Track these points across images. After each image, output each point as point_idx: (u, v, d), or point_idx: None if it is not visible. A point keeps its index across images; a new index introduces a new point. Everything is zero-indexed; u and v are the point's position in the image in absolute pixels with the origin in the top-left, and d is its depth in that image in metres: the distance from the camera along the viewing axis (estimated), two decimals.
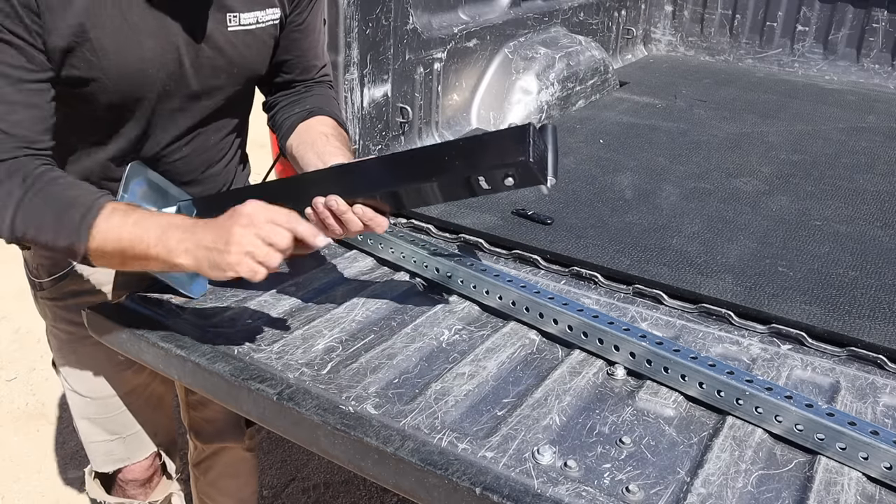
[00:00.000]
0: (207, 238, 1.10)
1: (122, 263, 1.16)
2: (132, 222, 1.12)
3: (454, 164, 1.11)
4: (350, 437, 1.08)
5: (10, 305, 3.40)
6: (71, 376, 1.56)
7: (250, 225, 1.09)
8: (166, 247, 1.11)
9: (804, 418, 1.06)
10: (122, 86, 1.22)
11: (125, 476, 1.66)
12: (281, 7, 1.37)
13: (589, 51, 2.68)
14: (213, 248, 1.09)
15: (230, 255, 1.08)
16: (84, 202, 1.13)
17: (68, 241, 1.12)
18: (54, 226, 1.12)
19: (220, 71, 1.33)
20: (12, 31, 1.07)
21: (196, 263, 1.11)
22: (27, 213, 1.12)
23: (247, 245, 1.08)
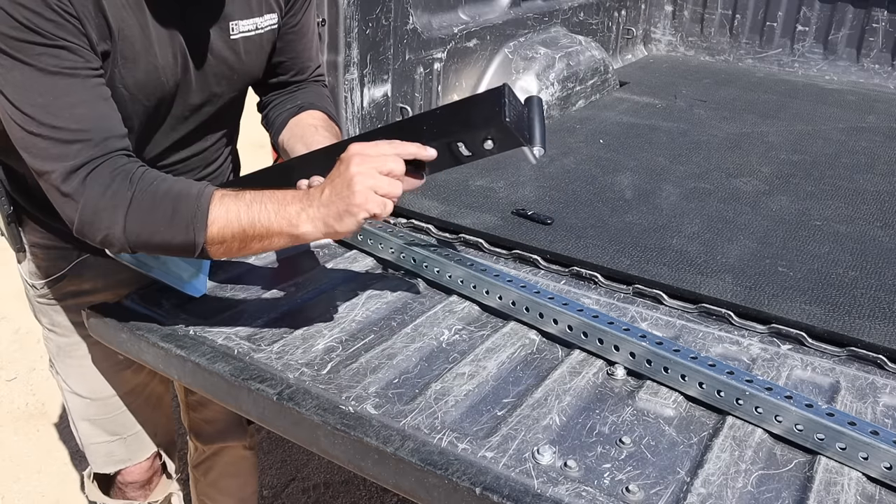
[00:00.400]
0: (325, 195, 1.09)
1: (242, 247, 1.14)
2: (247, 203, 1.11)
3: (433, 133, 1.10)
4: (350, 437, 1.08)
5: (10, 305, 3.41)
6: (70, 378, 1.56)
7: (363, 161, 1.07)
8: (287, 218, 1.10)
9: (804, 418, 1.06)
10: (137, 94, 1.23)
11: (125, 478, 1.66)
12: (278, 12, 1.38)
13: (589, 51, 2.68)
14: (336, 199, 1.07)
15: (355, 195, 1.06)
16: (192, 193, 1.11)
17: (185, 235, 1.10)
18: (169, 223, 1.10)
19: (222, 78, 1.34)
20: (63, 38, 1.06)
21: (322, 226, 1.09)
22: (139, 214, 1.10)
23: (368, 180, 1.06)
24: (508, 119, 1.04)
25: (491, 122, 1.06)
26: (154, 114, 1.29)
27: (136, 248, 1.14)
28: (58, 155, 1.08)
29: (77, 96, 1.09)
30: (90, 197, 1.09)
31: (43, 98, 1.07)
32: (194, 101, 1.33)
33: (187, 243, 1.11)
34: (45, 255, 1.44)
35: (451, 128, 1.09)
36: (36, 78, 1.06)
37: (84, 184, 1.09)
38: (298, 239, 1.12)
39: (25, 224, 1.43)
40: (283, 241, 1.12)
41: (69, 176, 1.08)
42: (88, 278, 1.47)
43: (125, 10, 1.15)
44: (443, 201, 1.76)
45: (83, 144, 1.09)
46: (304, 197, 1.11)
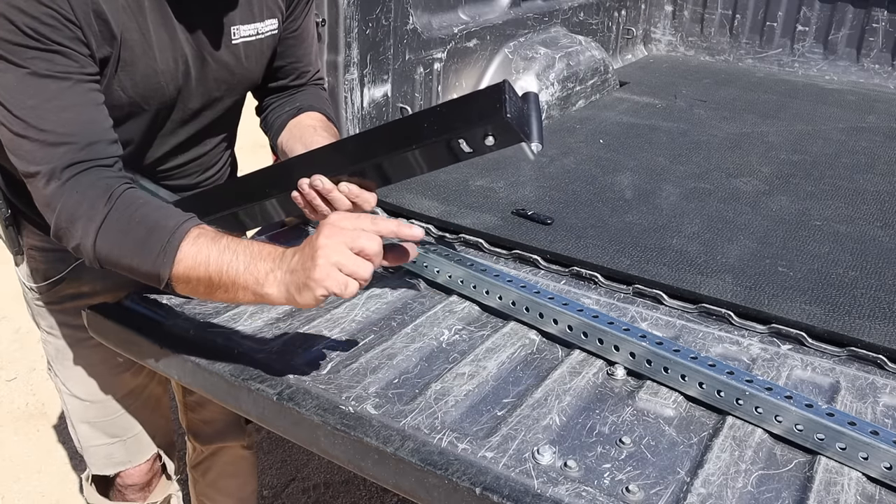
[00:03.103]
0: (294, 261, 1.02)
1: (207, 292, 1.08)
2: (219, 249, 1.06)
3: (433, 129, 1.09)
4: (350, 437, 1.08)
5: (10, 305, 3.41)
6: (69, 380, 1.56)
7: (333, 234, 1.00)
8: (255, 276, 1.04)
9: (804, 418, 1.06)
10: (136, 98, 1.23)
11: (124, 480, 1.66)
12: (279, 17, 1.38)
13: (589, 51, 2.68)
14: (300, 268, 1.01)
15: (316, 269, 0.98)
16: (169, 226, 1.08)
17: (151, 267, 1.07)
18: (138, 249, 1.08)
19: (222, 82, 1.34)
20: (58, 42, 1.07)
21: (285, 291, 1.03)
22: (110, 233, 1.09)
23: (333, 255, 0.99)
24: (510, 115, 1.03)
25: (492, 119, 1.05)
26: (154, 118, 1.29)
27: (103, 265, 1.12)
28: (42, 158, 1.08)
29: (66, 100, 1.09)
30: (67, 203, 1.09)
31: (33, 100, 1.07)
32: (194, 106, 1.33)
33: (153, 274, 1.08)
34: (44, 258, 1.44)
35: (453, 124, 1.08)
36: (27, 81, 1.06)
37: (63, 188, 1.08)
38: (263, 299, 1.05)
39: (23, 227, 1.43)
40: (248, 297, 1.06)
41: (51, 179, 1.08)
42: (87, 281, 1.47)
43: (126, 13, 1.15)
44: (443, 201, 1.76)
45: (68, 147, 1.09)
46: (277, 257, 1.05)
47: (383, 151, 1.15)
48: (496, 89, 1.06)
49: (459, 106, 1.10)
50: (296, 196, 1.19)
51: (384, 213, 1.72)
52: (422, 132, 1.11)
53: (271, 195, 1.27)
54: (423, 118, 1.12)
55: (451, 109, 1.10)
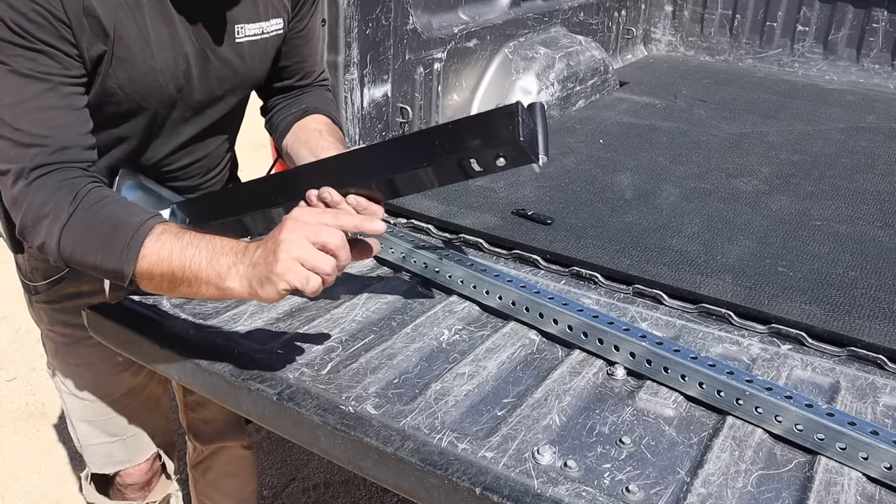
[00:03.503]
0: (257, 254, 1.02)
1: (171, 288, 1.08)
2: (182, 245, 1.06)
3: (444, 149, 1.09)
4: (350, 437, 1.08)
5: (11, 305, 3.41)
6: (69, 379, 1.56)
7: (295, 228, 1.00)
8: (217, 270, 1.04)
9: (804, 418, 1.06)
10: (133, 96, 1.22)
11: (124, 480, 1.66)
12: (284, 17, 1.38)
13: (589, 51, 2.68)
14: (262, 262, 1.01)
15: (278, 263, 0.98)
16: (133, 223, 1.08)
17: (115, 264, 1.07)
18: (102, 246, 1.08)
19: (225, 81, 1.34)
20: (44, 41, 1.06)
21: (247, 286, 1.02)
22: (75, 231, 1.09)
23: (294, 249, 0.99)
24: (523, 139, 1.04)
25: (506, 141, 1.05)
26: (154, 117, 1.29)
27: (68, 263, 1.12)
28: (13, 157, 1.08)
29: (45, 102, 1.09)
30: (33, 203, 1.09)
31: (11, 98, 1.07)
32: (196, 105, 1.33)
33: (117, 271, 1.08)
34: (44, 257, 1.44)
35: (465, 144, 1.08)
36: (8, 78, 1.06)
37: (29, 188, 1.08)
38: (225, 293, 1.05)
39: None
40: (211, 291, 1.06)
41: (18, 179, 1.08)
42: (87, 280, 1.46)
43: (123, 10, 1.14)
44: (443, 201, 1.76)
45: (39, 149, 1.08)
46: (240, 251, 1.05)
47: (394, 168, 1.16)
48: (509, 111, 1.06)
49: (472, 126, 1.09)
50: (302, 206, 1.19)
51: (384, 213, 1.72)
52: (433, 150, 1.10)
53: (278, 203, 1.27)
54: (434, 135, 1.12)
55: (464, 129, 1.09)
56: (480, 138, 1.07)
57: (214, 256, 1.05)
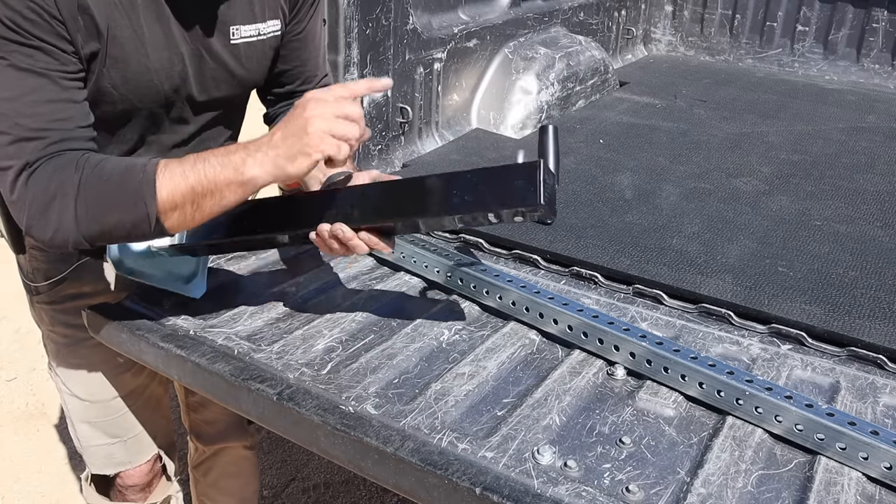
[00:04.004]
0: (276, 137, 1.09)
1: (195, 210, 1.11)
2: (191, 163, 1.10)
3: (463, 201, 1.10)
4: (350, 437, 1.08)
5: (11, 305, 3.41)
6: (70, 380, 1.56)
7: (319, 105, 1.08)
8: (233, 166, 1.09)
9: (804, 418, 1.06)
10: (128, 95, 1.22)
11: (125, 481, 1.66)
12: (282, 18, 1.37)
13: (589, 51, 2.68)
14: (290, 140, 1.07)
15: (311, 136, 1.06)
16: (137, 166, 1.10)
17: (136, 208, 1.08)
18: (117, 198, 1.08)
19: (222, 82, 1.33)
20: (39, 38, 1.06)
21: (272, 168, 1.08)
22: (87, 197, 1.08)
23: (323, 123, 1.07)
24: (544, 202, 1.05)
25: (526, 203, 1.07)
26: (150, 118, 1.29)
27: (89, 237, 1.11)
28: (13, 152, 1.07)
29: (43, 95, 1.08)
30: (36, 192, 1.08)
31: (9, 93, 1.06)
32: (194, 105, 1.33)
33: (140, 218, 1.09)
34: (45, 258, 1.44)
35: (486, 201, 1.09)
36: (6, 73, 1.06)
37: (27, 183, 1.07)
38: (247, 186, 1.10)
39: None
40: (234, 191, 1.10)
41: (19, 175, 1.08)
42: (88, 281, 1.47)
43: (117, 10, 1.14)
44: None
45: (38, 142, 1.08)
46: (251, 144, 1.11)
47: (409, 213, 1.18)
48: (531, 171, 1.06)
49: (493, 181, 1.09)
50: (312, 237, 1.20)
51: None
52: (451, 200, 1.11)
53: (284, 230, 1.27)
54: (453, 184, 1.12)
55: (485, 184, 1.10)
56: (503, 197, 1.08)
57: (224, 158, 1.09)
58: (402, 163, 2.01)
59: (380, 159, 1.96)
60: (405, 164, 2.00)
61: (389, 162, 1.99)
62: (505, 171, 1.10)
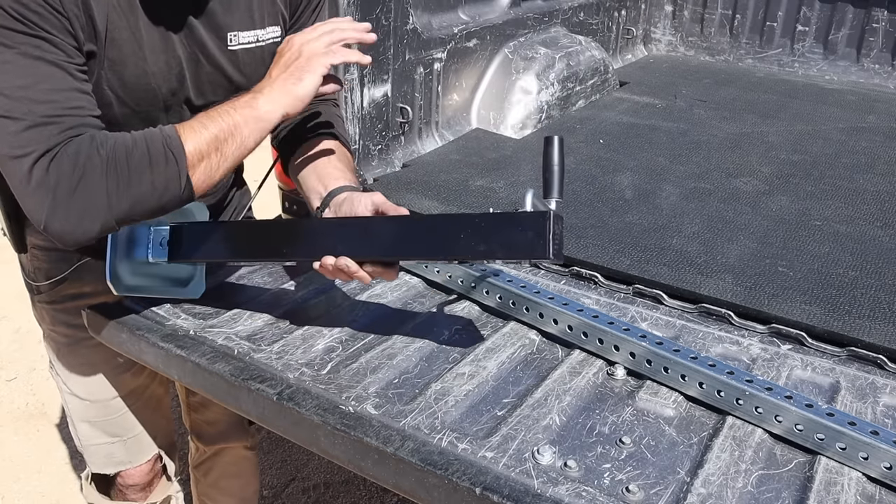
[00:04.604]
0: (275, 73, 1.17)
1: (220, 157, 1.15)
2: (205, 116, 1.15)
3: (470, 245, 1.10)
4: (350, 437, 1.08)
5: (11, 305, 3.41)
6: (70, 380, 1.56)
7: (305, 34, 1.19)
8: (245, 105, 1.15)
9: (804, 418, 1.06)
10: (125, 98, 1.22)
11: (125, 481, 1.66)
12: (282, 24, 1.37)
13: (589, 51, 2.68)
14: (288, 67, 1.16)
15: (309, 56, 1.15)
16: (155, 131, 1.13)
17: (166, 168, 1.10)
18: (147, 160, 1.09)
19: (218, 87, 1.33)
20: (46, 30, 1.06)
21: (282, 96, 1.15)
22: (118, 167, 1.08)
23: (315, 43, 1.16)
24: (553, 255, 1.06)
25: (535, 255, 1.08)
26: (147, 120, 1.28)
27: (119, 214, 1.10)
28: (30, 139, 1.05)
29: (56, 83, 1.08)
30: (61, 176, 1.06)
31: (22, 81, 1.05)
32: (193, 110, 1.32)
33: (171, 177, 1.10)
34: (47, 257, 1.44)
35: (492, 246, 1.09)
36: (18, 61, 1.05)
37: (49, 170, 1.05)
38: (263, 121, 1.15)
39: (27, 226, 1.42)
40: (252, 129, 1.15)
41: (36, 164, 1.05)
42: (89, 281, 1.46)
43: (115, 12, 1.14)
44: (443, 201, 1.76)
45: (55, 128, 1.06)
46: (254, 87, 1.19)
47: (416, 252, 1.19)
48: (541, 222, 1.06)
49: (502, 227, 1.09)
50: (317, 266, 1.20)
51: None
52: (458, 243, 1.12)
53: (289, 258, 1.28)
54: (461, 226, 1.12)
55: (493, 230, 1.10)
56: (510, 246, 1.08)
57: (234, 103, 1.16)
58: (402, 163, 2.01)
59: (380, 159, 1.96)
60: (405, 164, 2.00)
61: (389, 162, 1.99)
62: (514, 219, 1.09)
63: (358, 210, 1.23)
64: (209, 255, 1.32)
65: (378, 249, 1.17)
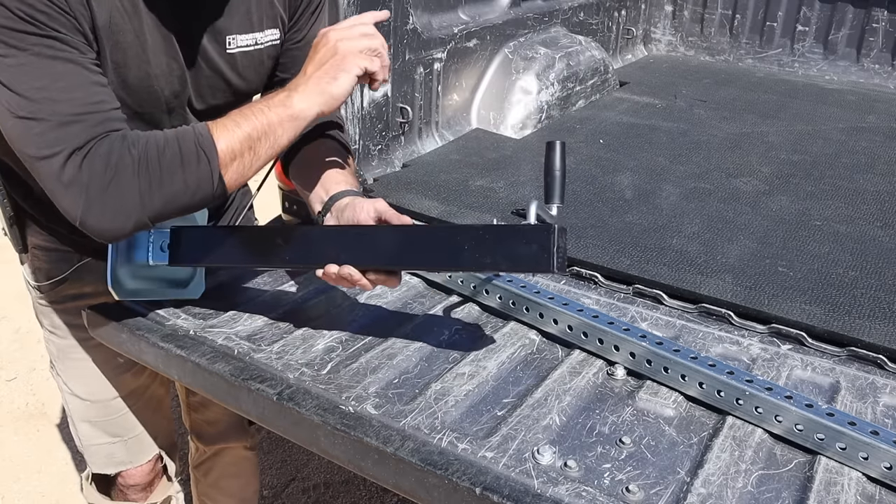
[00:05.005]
0: (310, 70, 1.15)
1: (253, 156, 1.14)
2: (238, 114, 1.14)
3: (475, 257, 1.11)
4: (350, 437, 1.08)
5: (11, 305, 3.41)
6: (71, 380, 1.56)
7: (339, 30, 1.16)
8: (280, 104, 1.13)
9: (804, 418, 1.06)
10: (128, 101, 1.22)
11: (126, 481, 1.66)
12: (280, 27, 1.37)
13: (589, 51, 2.68)
14: (324, 66, 1.14)
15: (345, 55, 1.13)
16: (187, 129, 1.12)
17: (198, 166, 1.09)
18: (180, 159, 1.09)
19: (217, 90, 1.33)
20: (55, 29, 1.06)
21: (317, 96, 1.14)
22: (150, 167, 1.08)
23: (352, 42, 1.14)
24: (556, 269, 1.07)
25: (539, 269, 1.09)
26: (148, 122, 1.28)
27: (153, 212, 1.10)
28: (57, 138, 1.05)
29: (74, 80, 1.07)
30: (93, 174, 1.06)
31: (40, 82, 1.05)
32: (194, 112, 1.33)
33: (203, 175, 1.10)
34: (47, 258, 1.44)
35: (496, 259, 1.10)
36: (33, 62, 1.05)
37: (81, 168, 1.05)
38: (298, 120, 1.14)
39: (28, 226, 1.42)
40: (286, 128, 1.14)
41: (67, 161, 1.05)
42: (90, 281, 1.46)
43: (120, 15, 1.14)
44: (443, 201, 1.76)
45: (81, 126, 1.06)
46: (289, 84, 1.17)
47: (419, 262, 1.21)
48: (545, 236, 1.06)
49: (506, 240, 1.10)
50: (320, 273, 1.20)
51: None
52: (462, 254, 1.12)
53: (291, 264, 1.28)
54: (464, 238, 1.13)
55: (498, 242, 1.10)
56: (514, 258, 1.09)
57: (268, 101, 1.15)
58: (402, 163, 2.01)
59: (380, 159, 1.96)
60: (405, 164, 2.00)
61: (389, 162, 1.99)
62: (518, 232, 1.10)
63: (360, 216, 1.23)
64: (211, 259, 1.32)
65: (382, 259, 1.18)
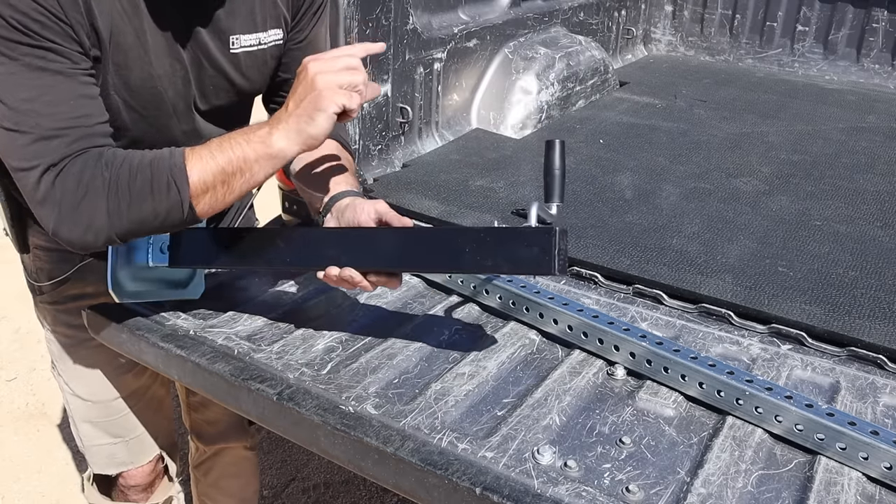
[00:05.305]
0: (290, 107, 1.12)
1: (227, 190, 1.13)
2: (216, 145, 1.12)
3: (476, 259, 1.11)
4: (350, 437, 1.08)
5: (11, 305, 3.41)
6: (72, 380, 1.56)
7: (319, 62, 1.12)
8: (259, 140, 1.12)
9: (804, 418, 1.06)
10: (131, 102, 1.22)
11: (127, 481, 1.66)
12: (283, 27, 1.37)
13: (589, 51, 2.68)
14: (302, 103, 1.11)
15: (322, 92, 1.10)
16: (164, 154, 1.11)
17: (169, 195, 1.09)
18: (150, 186, 1.09)
19: (221, 90, 1.33)
20: (49, 39, 1.06)
21: (296, 135, 1.11)
22: (120, 191, 1.08)
23: (328, 77, 1.10)
24: (558, 272, 1.07)
25: (540, 271, 1.09)
26: (154, 124, 1.28)
27: (122, 232, 1.11)
28: (36, 152, 1.06)
29: (60, 94, 1.08)
30: (65, 191, 1.07)
31: (27, 93, 1.06)
32: (197, 111, 1.32)
33: (173, 204, 1.10)
34: (49, 258, 1.44)
35: (497, 261, 1.10)
36: (21, 73, 1.05)
37: (58, 179, 1.07)
38: (276, 159, 1.12)
39: (29, 226, 1.42)
40: (263, 166, 1.12)
41: (42, 177, 1.07)
42: (91, 282, 1.46)
43: (120, 17, 1.14)
44: (443, 201, 1.76)
45: (60, 141, 1.07)
46: (271, 119, 1.14)
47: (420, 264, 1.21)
48: (547, 239, 1.06)
49: (507, 242, 1.10)
50: (321, 275, 1.20)
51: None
52: (464, 257, 1.13)
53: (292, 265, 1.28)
54: (466, 241, 1.13)
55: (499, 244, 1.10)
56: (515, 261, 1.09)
57: (249, 135, 1.12)
58: (402, 163, 2.01)
59: (380, 159, 1.96)
60: (405, 164, 2.00)
61: (389, 162, 1.99)
62: (520, 235, 1.10)
63: (361, 217, 1.23)
64: (211, 261, 1.32)
65: (383, 261, 1.18)
